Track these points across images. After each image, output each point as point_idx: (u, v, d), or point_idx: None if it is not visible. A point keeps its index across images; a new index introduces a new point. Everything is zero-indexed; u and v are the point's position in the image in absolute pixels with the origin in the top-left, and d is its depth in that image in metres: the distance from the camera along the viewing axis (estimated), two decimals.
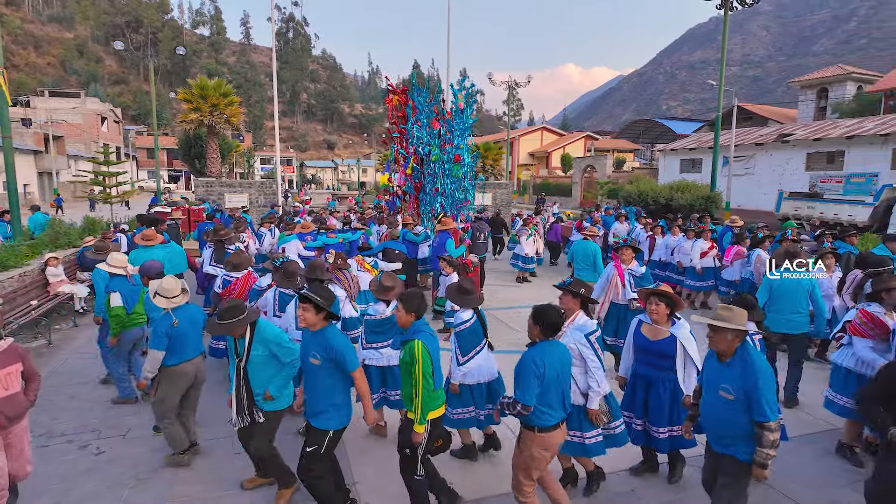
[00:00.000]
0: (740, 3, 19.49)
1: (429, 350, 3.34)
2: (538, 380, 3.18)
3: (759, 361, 3.04)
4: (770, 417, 2.92)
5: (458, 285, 4.50)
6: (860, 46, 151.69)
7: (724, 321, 3.07)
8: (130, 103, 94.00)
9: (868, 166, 22.75)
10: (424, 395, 3.32)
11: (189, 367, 4.39)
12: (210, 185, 21.43)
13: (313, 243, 9.40)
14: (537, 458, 3.30)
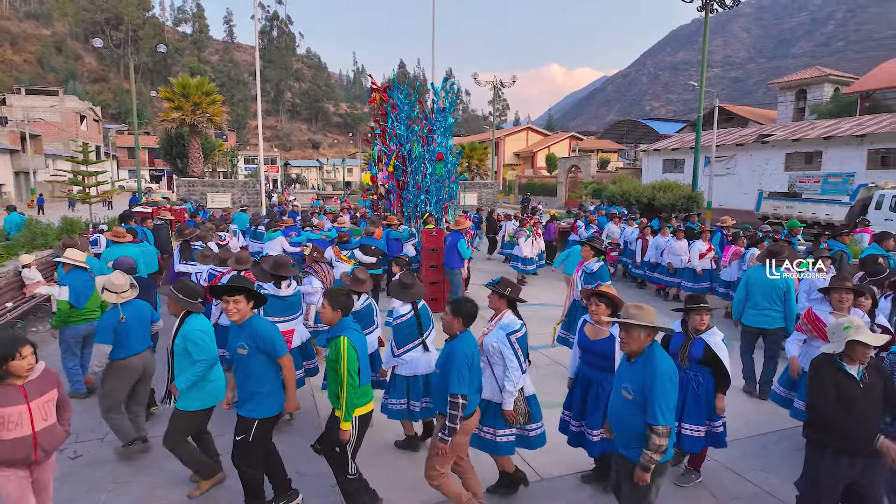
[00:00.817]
0: (721, 6, 19.79)
1: (355, 347, 3.34)
2: (469, 369, 3.28)
3: (661, 363, 2.95)
4: (659, 421, 2.83)
5: (399, 280, 4.60)
6: (837, 49, 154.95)
7: (635, 319, 3.00)
8: (110, 102, 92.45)
9: (845, 166, 23.26)
10: (350, 392, 3.30)
11: (137, 360, 4.42)
12: (192, 185, 21.19)
13: (298, 238, 9.56)
14: (461, 444, 3.40)
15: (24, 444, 2.90)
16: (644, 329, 2.99)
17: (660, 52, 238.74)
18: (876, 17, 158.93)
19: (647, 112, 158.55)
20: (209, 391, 3.90)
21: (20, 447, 2.89)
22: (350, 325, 3.50)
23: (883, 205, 16.50)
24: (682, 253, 9.88)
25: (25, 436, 2.90)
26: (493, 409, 3.79)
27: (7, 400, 2.87)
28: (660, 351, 3.04)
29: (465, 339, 3.40)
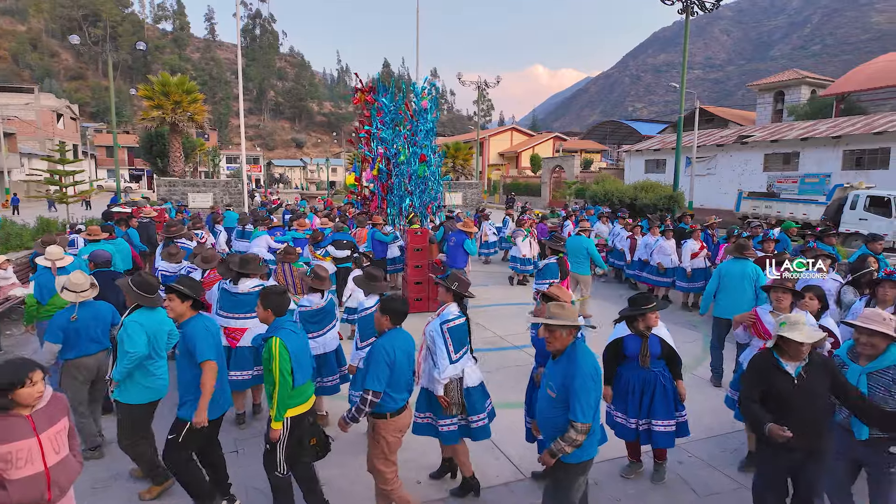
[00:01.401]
0: (701, 9, 20.05)
1: (287, 347, 3.34)
2: (389, 367, 3.28)
3: (582, 361, 2.95)
4: (579, 418, 2.83)
5: (366, 272, 4.68)
6: (814, 52, 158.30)
7: (556, 318, 3.01)
8: (88, 99, 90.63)
9: (821, 167, 23.77)
10: (282, 392, 3.30)
11: (90, 361, 4.41)
12: (173, 185, 20.89)
13: (283, 237, 9.63)
14: (392, 442, 3.41)
15: (37, 483, 2.52)
16: (565, 328, 3.00)
17: (642, 54, 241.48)
18: (851, 21, 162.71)
19: (629, 113, 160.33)
20: (149, 386, 3.86)
21: (32, 487, 2.50)
22: (284, 326, 3.50)
23: (857, 205, 16.89)
24: (671, 252, 9.83)
25: (37, 473, 2.53)
26: (431, 395, 3.92)
27: (14, 434, 2.46)
28: (582, 349, 3.04)
29: (390, 336, 3.41)
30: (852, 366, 3.28)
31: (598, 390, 2.98)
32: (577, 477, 3.04)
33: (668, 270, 9.89)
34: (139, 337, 3.75)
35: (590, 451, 3.01)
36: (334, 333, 5.02)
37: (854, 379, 3.20)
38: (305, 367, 3.53)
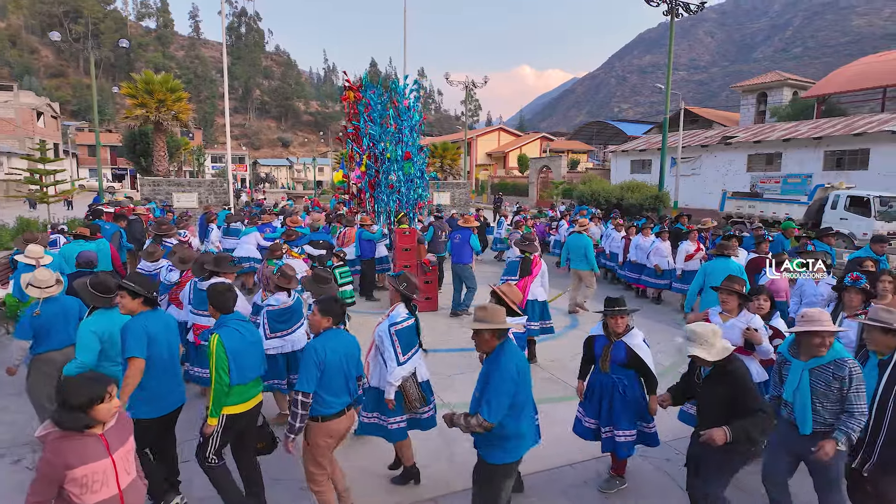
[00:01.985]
0: (686, 11, 20.26)
1: (225, 345, 3.35)
2: (318, 367, 3.24)
3: (504, 362, 2.96)
4: (483, 413, 2.86)
5: (314, 274, 4.79)
6: (795, 54, 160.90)
7: (480, 320, 3.02)
8: (69, 97, 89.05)
9: (803, 167, 24.15)
10: (217, 389, 3.33)
11: (57, 355, 4.37)
12: (157, 184, 20.61)
13: (272, 235, 9.93)
14: (322, 446, 3.38)
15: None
16: (489, 330, 3.01)
17: (627, 55, 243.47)
18: (831, 24, 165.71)
19: (615, 114, 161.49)
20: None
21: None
22: (228, 323, 3.51)
23: (838, 204, 17.19)
24: (668, 254, 9.76)
25: (112, 496, 2.37)
26: (379, 395, 3.96)
27: (90, 454, 2.29)
28: (509, 350, 3.04)
29: (323, 337, 3.38)
30: (794, 362, 3.32)
31: (516, 394, 2.95)
32: (503, 479, 3.05)
33: (664, 272, 9.77)
34: (91, 344, 3.69)
35: (514, 455, 3.03)
36: (302, 332, 5.02)
37: (797, 374, 3.26)
38: (247, 367, 3.48)
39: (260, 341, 3.74)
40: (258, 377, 3.67)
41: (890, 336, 3.23)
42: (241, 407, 3.51)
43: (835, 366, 3.13)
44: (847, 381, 3.07)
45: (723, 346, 3.17)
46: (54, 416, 2.26)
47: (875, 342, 3.29)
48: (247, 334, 3.57)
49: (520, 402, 2.98)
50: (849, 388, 3.07)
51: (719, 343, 3.18)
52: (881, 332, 3.23)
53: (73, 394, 2.22)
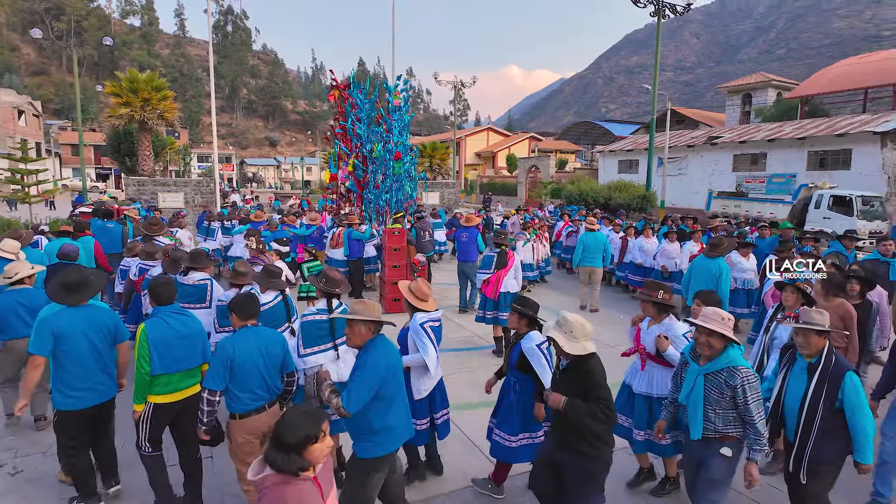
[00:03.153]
0: (672, 12, 20.46)
1: (147, 335, 3.45)
2: (224, 365, 3.24)
3: (372, 355, 3.02)
4: (342, 400, 2.91)
5: (265, 268, 4.84)
6: (779, 56, 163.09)
7: (356, 313, 3.11)
8: (52, 96, 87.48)
9: (787, 167, 24.49)
10: (138, 377, 3.45)
11: (19, 344, 4.67)
12: (142, 184, 20.36)
13: (266, 233, 9.86)
14: (243, 443, 3.38)
15: None
16: (362, 323, 3.09)
17: (615, 56, 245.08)
18: (814, 27, 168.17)
19: (603, 114, 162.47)
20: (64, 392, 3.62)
21: None
22: (158, 314, 3.61)
23: (822, 204, 17.46)
24: (675, 255, 9.51)
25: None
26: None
27: (307, 501, 1.97)
28: (380, 345, 3.10)
29: (236, 334, 3.41)
30: (692, 365, 3.27)
31: (383, 388, 3.00)
32: (370, 471, 3.08)
33: (672, 274, 9.47)
34: (42, 339, 3.55)
35: (382, 449, 3.06)
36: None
37: (692, 378, 3.22)
38: (172, 358, 3.53)
39: (196, 335, 3.71)
40: (193, 369, 3.69)
41: (821, 338, 3.22)
42: (168, 397, 3.57)
43: (727, 373, 3.06)
44: (741, 392, 3.00)
45: (584, 346, 3.11)
46: (268, 455, 1.96)
47: (807, 345, 3.24)
48: (178, 326, 3.60)
49: (387, 396, 3.04)
50: (744, 401, 2.99)
51: (583, 341, 3.12)
52: (815, 335, 3.21)
53: (288, 432, 1.94)
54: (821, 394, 3.14)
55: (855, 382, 3.10)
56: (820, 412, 3.14)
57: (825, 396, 3.13)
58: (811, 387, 3.19)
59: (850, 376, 3.11)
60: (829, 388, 3.13)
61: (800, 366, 3.33)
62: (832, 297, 4.67)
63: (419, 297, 3.96)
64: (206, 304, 5.32)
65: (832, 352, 3.23)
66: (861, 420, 3.09)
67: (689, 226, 11.26)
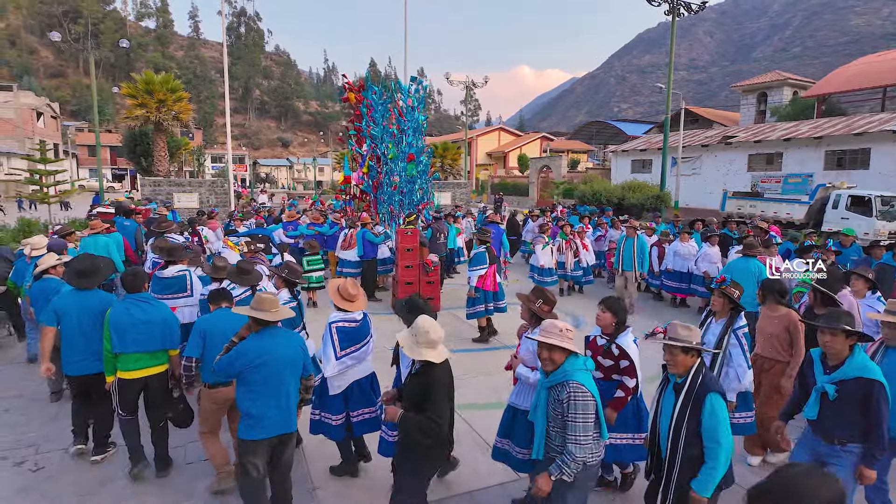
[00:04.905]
0: (686, 10, 20.26)
1: (110, 318, 4.01)
2: (200, 336, 3.85)
3: (248, 343, 3.33)
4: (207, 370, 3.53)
5: (238, 265, 5.17)
6: (795, 54, 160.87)
7: (257, 312, 3.35)
8: (69, 98, 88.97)
9: (804, 167, 24.13)
10: (104, 353, 4.08)
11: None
12: (157, 185, 20.59)
13: (294, 232, 10.94)
14: (207, 409, 3.97)
15: None
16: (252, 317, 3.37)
17: (627, 55, 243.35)
18: (830, 24, 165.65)
19: (615, 113, 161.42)
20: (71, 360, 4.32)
21: None
22: (125, 300, 4.13)
23: (839, 204, 17.17)
24: (718, 261, 9.08)
25: None
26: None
27: None
28: (267, 335, 3.38)
29: (211, 315, 4.07)
30: (541, 378, 3.09)
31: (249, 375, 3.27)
32: (244, 453, 3.34)
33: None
34: (48, 313, 4.27)
35: (252, 433, 3.30)
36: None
37: (538, 393, 3.06)
38: (129, 340, 4.00)
39: (156, 322, 4.12)
40: (157, 352, 4.14)
41: (689, 356, 2.96)
42: (130, 374, 4.07)
43: (560, 387, 2.86)
44: (566, 407, 2.80)
45: (420, 353, 3.02)
46: None
47: (674, 363, 2.98)
48: (137, 313, 4.06)
49: (250, 382, 3.28)
50: (565, 415, 2.80)
51: (423, 348, 3.02)
52: (682, 352, 2.96)
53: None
54: (685, 416, 2.90)
55: (715, 405, 2.84)
56: (683, 436, 2.90)
57: (688, 419, 2.89)
58: (677, 408, 2.95)
59: (712, 398, 2.85)
60: (693, 410, 2.88)
61: (670, 386, 3.08)
62: (776, 306, 4.42)
63: (343, 297, 4.05)
64: (188, 293, 5.76)
65: (700, 371, 2.97)
66: (712, 447, 2.81)
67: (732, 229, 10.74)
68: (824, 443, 3.21)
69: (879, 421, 2.97)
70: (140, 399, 4.22)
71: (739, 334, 4.12)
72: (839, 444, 3.13)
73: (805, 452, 3.35)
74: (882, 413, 2.97)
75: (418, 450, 3.05)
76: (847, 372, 3.08)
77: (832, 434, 3.15)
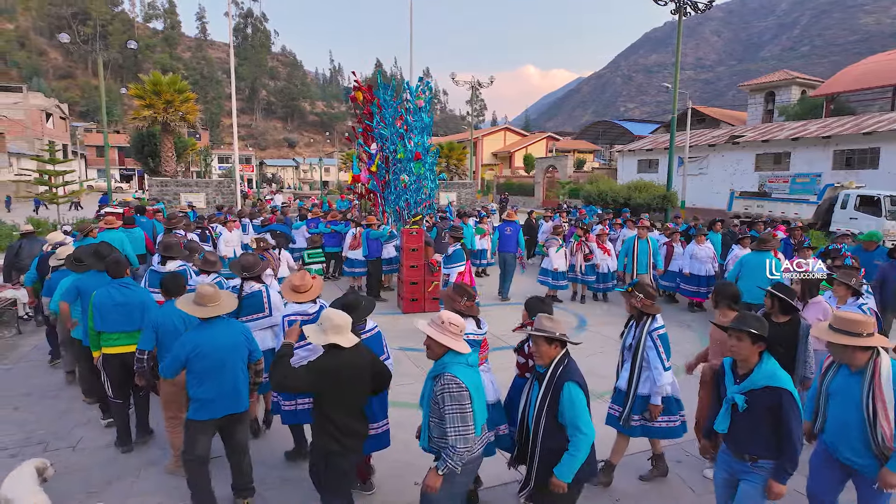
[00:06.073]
0: (693, 9, 20.14)
1: (93, 300, 4.46)
2: (153, 330, 4.09)
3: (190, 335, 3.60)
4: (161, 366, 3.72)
5: (203, 258, 5.60)
6: (803, 53, 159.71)
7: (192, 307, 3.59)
8: (78, 98, 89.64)
9: (812, 167, 23.96)
10: (90, 331, 4.53)
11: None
12: (165, 185, 20.72)
13: (315, 230, 11.52)
14: (168, 393, 4.20)
15: None
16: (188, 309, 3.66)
17: (633, 55, 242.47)
18: (839, 22, 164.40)
19: (621, 113, 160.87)
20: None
21: None
22: (112, 284, 4.55)
23: (848, 204, 17.04)
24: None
25: None
26: None
27: None
28: (200, 330, 3.60)
29: (164, 308, 4.23)
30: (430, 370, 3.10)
31: (191, 364, 3.51)
32: (190, 431, 3.61)
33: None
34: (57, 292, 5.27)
35: (197, 414, 3.55)
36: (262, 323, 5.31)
37: (426, 383, 3.06)
38: (109, 319, 4.47)
39: (135, 304, 4.54)
40: (132, 332, 4.50)
41: (552, 347, 2.99)
42: (112, 349, 4.53)
43: (437, 379, 2.89)
44: (439, 400, 2.82)
45: (328, 338, 3.08)
46: None
47: (538, 353, 3.01)
48: (117, 296, 4.53)
49: (197, 371, 3.52)
50: (441, 407, 2.81)
51: (330, 334, 3.09)
52: (545, 343, 2.98)
53: None
54: (545, 405, 2.94)
55: (573, 394, 2.86)
56: (543, 426, 2.94)
57: (548, 408, 2.93)
58: (538, 398, 2.98)
59: (569, 387, 2.88)
60: (552, 400, 2.91)
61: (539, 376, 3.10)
62: (728, 311, 4.16)
63: (292, 290, 4.18)
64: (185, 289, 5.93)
65: (563, 362, 2.98)
66: (574, 435, 2.85)
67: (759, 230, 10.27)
68: (736, 459, 3.04)
69: (790, 433, 2.80)
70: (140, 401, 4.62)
71: (655, 336, 3.98)
72: (750, 460, 2.96)
73: (722, 470, 3.20)
74: (792, 424, 2.80)
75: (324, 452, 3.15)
76: (755, 381, 2.90)
77: (744, 449, 2.98)
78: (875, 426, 2.84)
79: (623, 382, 4.11)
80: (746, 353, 2.95)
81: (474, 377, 2.94)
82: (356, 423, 3.20)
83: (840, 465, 3.09)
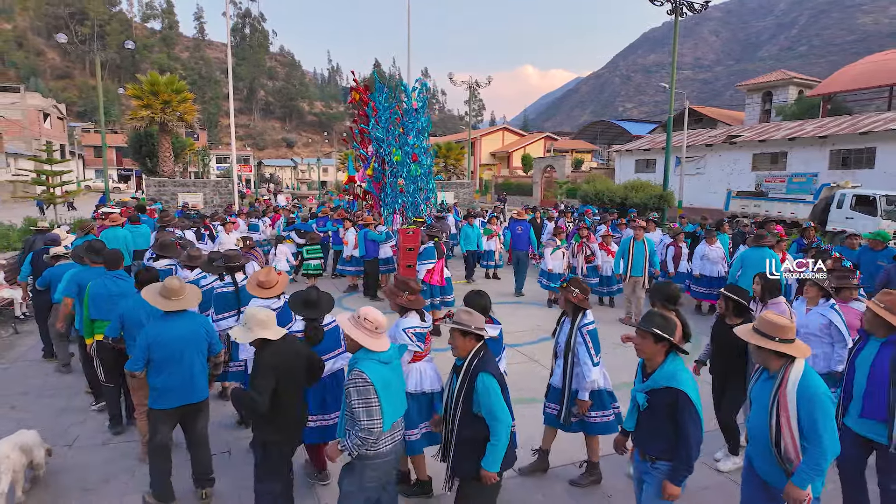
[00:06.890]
0: (690, 10, 20.16)
1: (89, 290, 4.72)
2: (119, 322, 4.29)
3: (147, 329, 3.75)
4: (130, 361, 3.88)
5: (188, 254, 5.81)
6: (801, 53, 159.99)
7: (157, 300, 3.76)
8: (75, 99, 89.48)
9: (808, 167, 24.04)
10: (84, 319, 4.83)
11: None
12: (163, 185, 20.70)
13: (323, 228, 11.97)
14: (136, 383, 4.26)
15: None
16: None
17: (632, 55, 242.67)
18: (837, 22, 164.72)
19: (619, 113, 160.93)
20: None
21: None
22: (105, 276, 4.81)
23: (844, 204, 17.10)
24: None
25: None
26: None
27: None
28: (169, 321, 3.75)
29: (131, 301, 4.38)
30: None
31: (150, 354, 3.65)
32: (155, 421, 3.77)
33: None
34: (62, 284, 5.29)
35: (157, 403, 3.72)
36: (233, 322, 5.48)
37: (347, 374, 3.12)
38: (103, 308, 4.68)
39: (127, 295, 4.58)
40: None
41: (468, 340, 3.03)
42: (102, 336, 4.68)
43: (350, 373, 2.93)
44: (348, 392, 2.87)
45: (254, 335, 3.25)
46: None
47: (455, 346, 3.07)
48: (111, 287, 4.77)
49: (156, 361, 3.66)
50: (349, 400, 2.86)
51: (256, 329, 3.25)
52: (460, 335, 3.03)
53: None
54: (460, 397, 2.97)
55: (486, 383, 2.89)
56: (458, 417, 2.98)
57: (463, 399, 2.95)
58: (454, 390, 3.02)
59: (483, 377, 2.90)
60: (467, 391, 2.94)
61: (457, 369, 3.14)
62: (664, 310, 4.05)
63: (258, 285, 4.41)
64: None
65: (478, 354, 3.01)
66: (492, 424, 2.88)
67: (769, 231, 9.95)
68: (640, 458, 3.03)
69: (685, 435, 2.77)
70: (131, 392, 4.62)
71: (584, 332, 4.01)
72: (649, 460, 2.95)
73: (635, 469, 3.20)
74: (688, 426, 2.76)
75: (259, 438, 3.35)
76: (657, 380, 2.88)
77: (645, 448, 2.98)
78: (779, 435, 2.75)
79: (557, 380, 4.17)
80: (650, 352, 2.93)
81: (384, 373, 2.94)
82: (294, 411, 3.37)
83: (758, 477, 2.96)
